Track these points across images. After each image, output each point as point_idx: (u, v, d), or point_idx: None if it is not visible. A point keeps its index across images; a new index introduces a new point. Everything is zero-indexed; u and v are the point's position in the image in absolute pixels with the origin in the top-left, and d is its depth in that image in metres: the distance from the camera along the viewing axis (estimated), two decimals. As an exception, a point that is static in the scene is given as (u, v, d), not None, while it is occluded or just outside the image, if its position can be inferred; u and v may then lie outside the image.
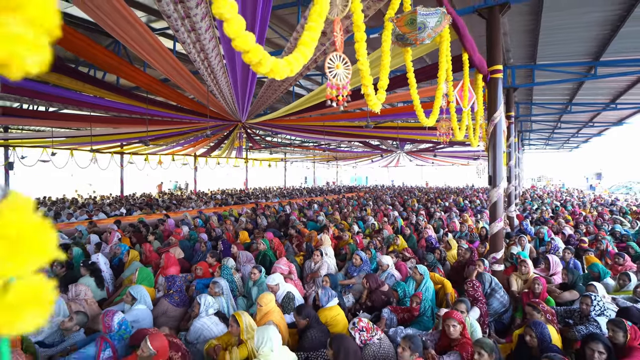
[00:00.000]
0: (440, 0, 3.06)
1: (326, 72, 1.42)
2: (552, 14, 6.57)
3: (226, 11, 0.80)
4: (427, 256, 5.63)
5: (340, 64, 1.44)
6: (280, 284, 4.37)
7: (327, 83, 1.45)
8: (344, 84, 1.44)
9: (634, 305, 3.54)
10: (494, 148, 4.92)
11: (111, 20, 3.80)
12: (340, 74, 1.44)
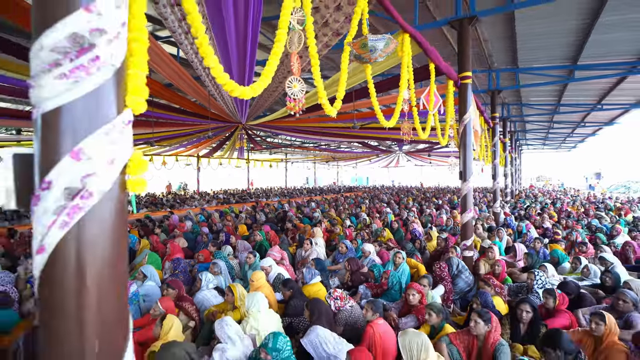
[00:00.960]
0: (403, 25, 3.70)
1: (286, 90, 2.05)
2: (524, 23, 7.16)
3: (211, 62, 1.42)
4: (406, 245, 6.24)
5: (297, 84, 2.07)
6: (273, 266, 5.00)
7: (287, 98, 2.09)
8: (299, 98, 2.07)
9: (572, 281, 4.14)
10: (464, 146, 5.52)
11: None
12: (295, 92, 2.06)
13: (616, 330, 2.89)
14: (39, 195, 0.79)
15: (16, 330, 3.33)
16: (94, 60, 0.81)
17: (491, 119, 10.16)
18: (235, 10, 3.65)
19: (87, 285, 0.83)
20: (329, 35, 3.93)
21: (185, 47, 4.83)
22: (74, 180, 0.80)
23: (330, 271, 5.81)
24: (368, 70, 3.21)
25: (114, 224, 0.87)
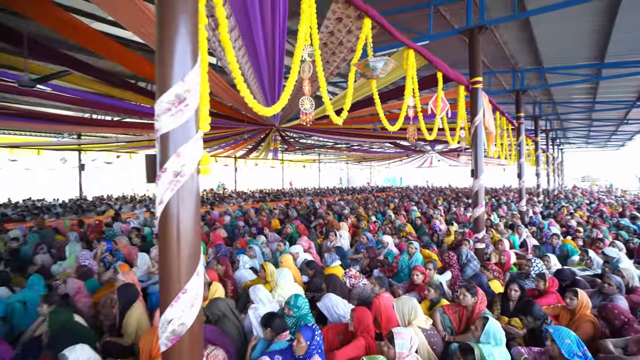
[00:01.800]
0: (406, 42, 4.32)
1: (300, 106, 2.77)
2: (541, 26, 7.43)
3: (242, 88, 2.18)
4: (423, 238, 6.77)
5: (307, 102, 2.78)
6: (300, 253, 5.75)
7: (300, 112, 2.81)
8: (310, 112, 2.78)
9: (568, 268, 4.54)
10: (475, 146, 5.99)
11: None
12: (307, 107, 2.77)
13: (588, 304, 3.35)
14: (160, 175, 1.57)
15: (101, 291, 4.34)
16: (186, 106, 1.58)
17: (516, 118, 10.32)
18: (263, 24, 4.37)
19: (180, 220, 1.60)
20: (344, 52, 4.62)
21: (219, 54, 5.67)
22: (176, 167, 1.57)
23: (352, 260, 6.49)
24: (373, 84, 3.87)
25: (193, 190, 1.64)
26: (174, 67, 1.58)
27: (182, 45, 1.60)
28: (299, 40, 2.76)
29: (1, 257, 5.66)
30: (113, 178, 25.01)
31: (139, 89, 8.68)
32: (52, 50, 5.22)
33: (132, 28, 3.72)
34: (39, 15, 4.21)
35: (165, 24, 1.59)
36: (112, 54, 5.44)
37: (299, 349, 2.67)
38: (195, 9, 1.67)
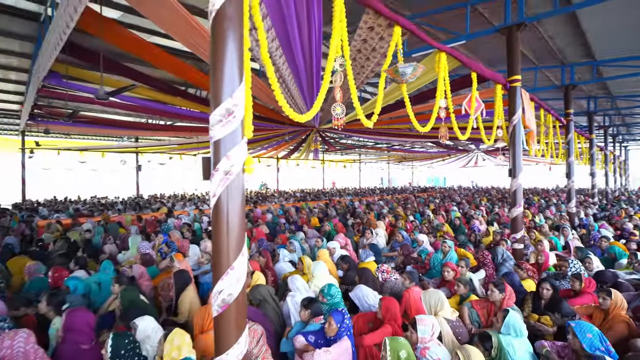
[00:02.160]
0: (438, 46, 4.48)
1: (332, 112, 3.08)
2: (589, 19, 7.13)
3: (280, 97, 2.53)
4: (459, 237, 6.80)
5: (339, 108, 3.08)
6: (337, 248, 6.06)
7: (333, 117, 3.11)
8: (341, 117, 3.08)
9: (610, 270, 4.44)
10: (513, 145, 5.95)
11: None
12: (338, 113, 3.07)
13: (623, 305, 3.33)
14: (214, 173, 1.96)
15: (159, 277, 4.94)
16: (234, 118, 1.95)
17: (565, 115, 9.87)
18: (300, 34, 4.69)
19: (227, 212, 1.98)
20: (377, 57, 4.85)
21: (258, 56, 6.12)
22: (226, 167, 1.95)
23: (387, 257, 6.68)
24: (403, 88, 4.08)
25: (239, 186, 2.01)
26: (224, 86, 1.97)
27: (230, 67, 1.98)
28: (331, 52, 3.07)
29: (77, 245, 6.54)
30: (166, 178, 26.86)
31: (188, 94, 9.49)
32: (122, 66, 5.99)
33: (181, 40, 4.25)
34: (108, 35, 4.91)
35: (217, 50, 1.97)
36: (165, 64, 6.12)
37: (330, 330, 2.98)
38: (241, 35, 2.05)
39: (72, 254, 5.97)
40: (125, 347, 2.58)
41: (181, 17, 3.52)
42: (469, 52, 9.54)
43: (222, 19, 1.97)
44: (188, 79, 7.59)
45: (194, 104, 9.89)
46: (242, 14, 2.04)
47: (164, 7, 3.39)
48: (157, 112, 10.56)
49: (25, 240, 7.12)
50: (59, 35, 4.78)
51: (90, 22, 4.75)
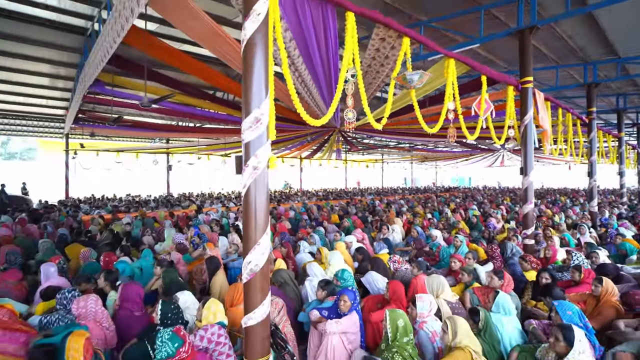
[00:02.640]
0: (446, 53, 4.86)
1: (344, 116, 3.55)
2: (608, 18, 7.22)
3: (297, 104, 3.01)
4: (472, 233, 7.09)
5: (350, 113, 3.55)
6: (354, 242, 6.52)
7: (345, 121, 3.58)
8: (352, 121, 3.54)
9: (612, 264, 4.67)
10: (525, 144, 6.21)
11: (237, 62, 6.09)
12: (350, 117, 3.54)
13: (614, 292, 3.62)
14: (244, 168, 2.49)
15: (193, 263, 5.57)
16: (260, 124, 2.47)
17: (588, 113, 9.87)
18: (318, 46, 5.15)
19: (255, 199, 2.50)
20: (391, 64, 5.27)
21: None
22: (254, 163, 2.47)
23: (402, 251, 7.07)
24: (412, 93, 4.50)
25: (264, 179, 2.53)
26: (253, 99, 2.49)
27: (258, 84, 2.51)
28: (343, 65, 3.55)
29: (120, 236, 7.31)
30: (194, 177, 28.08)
31: (216, 98, 10.18)
32: (161, 75, 6.71)
33: (210, 47, 4.83)
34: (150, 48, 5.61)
35: (248, 70, 2.50)
36: (196, 70, 6.78)
37: (344, 307, 3.45)
38: (267, 58, 2.56)
39: (116, 243, 6.74)
40: (172, 311, 3.16)
41: (209, 27, 4.09)
42: (488, 52, 9.74)
43: (252, 46, 2.49)
44: (216, 84, 8.23)
45: (222, 107, 10.60)
46: (267, 40, 2.56)
47: (195, 18, 3.97)
48: (187, 114, 11.39)
49: (73, 232, 7.99)
50: (106, 50, 5.50)
51: (133, 37, 5.44)
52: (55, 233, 7.72)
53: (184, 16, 4.24)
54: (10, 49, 9.80)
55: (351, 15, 3.57)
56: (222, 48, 4.83)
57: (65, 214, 10.70)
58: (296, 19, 3.84)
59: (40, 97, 13.84)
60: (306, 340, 3.57)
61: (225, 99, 11.19)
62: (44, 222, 8.83)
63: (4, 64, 10.69)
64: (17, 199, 15.77)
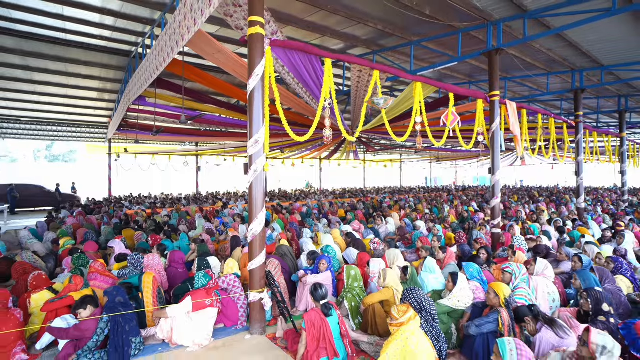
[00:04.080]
0: (414, 78, 6.26)
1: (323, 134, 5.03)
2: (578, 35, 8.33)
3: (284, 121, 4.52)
4: (452, 224, 8.40)
5: (328, 131, 5.03)
6: (349, 230, 7.99)
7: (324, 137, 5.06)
8: (330, 137, 5.02)
9: (545, 245, 5.91)
10: (492, 147, 7.46)
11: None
12: (328, 134, 5.01)
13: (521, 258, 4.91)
14: (249, 171, 4.05)
15: (219, 243, 7.23)
16: (258, 143, 4.02)
17: (575, 117, 10.83)
18: (309, 74, 6.67)
19: (256, 189, 4.06)
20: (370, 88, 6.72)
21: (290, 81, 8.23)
22: (255, 168, 4.02)
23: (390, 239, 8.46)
24: (383, 112, 5.93)
25: (261, 177, 4.09)
26: (254, 127, 4.05)
27: (257, 117, 4.06)
28: (321, 97, 5.05)
29: (160, 225, 9.13)
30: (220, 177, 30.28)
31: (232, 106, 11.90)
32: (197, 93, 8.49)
33: (228, 68, 6.42)
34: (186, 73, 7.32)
35: (251, 107, 4.06)
36: (214, 84, 8.45)
37: (322, 267, 4.95)
38: (264, 100, 4.11)
39: (159, 230, 8.54)
40: (204, 265, 4.79)
41: (229, 57, 5.69)
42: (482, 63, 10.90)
43: (253, 94, 4.06)
44: (226, 92, 9.93)
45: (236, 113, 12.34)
46: (264, 90, 4.12)
47: (219, 51, 5.58)
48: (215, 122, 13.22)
49: (122, 222, 9.91)
50: (150, 74, 7.25)
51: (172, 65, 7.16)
52: (110, 222, 9.67)
53: (211, 51, 5.88)
54: (66, 69, 11.92)
55: (328, 61, 5.06)
56: (236, 69, 6.43)
57: (113, 209, 12.78)
58: (289, 62, 5.40)
59: (88, 107, 16.17)
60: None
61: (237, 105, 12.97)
62: (100, 214, 10.87)
63: (60, 81, 12.90)
64: (68, 196, 18.29)
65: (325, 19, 8.13)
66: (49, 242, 6.90)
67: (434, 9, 7.38)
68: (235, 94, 9.33)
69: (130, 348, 3.54)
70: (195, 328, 3.87)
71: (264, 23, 4.13)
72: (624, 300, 3.92)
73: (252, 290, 4.09)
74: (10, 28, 9.13)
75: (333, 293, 4.92)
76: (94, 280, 4.50)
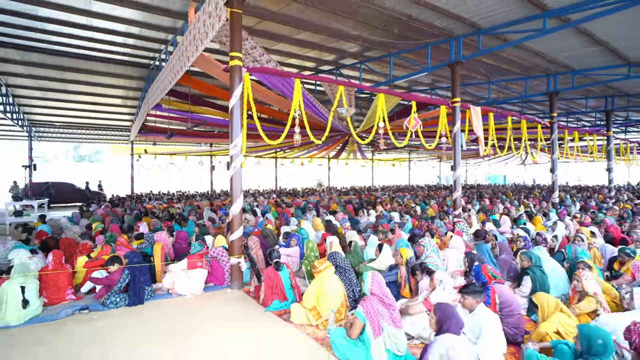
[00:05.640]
0: (376, 90, 7.63)
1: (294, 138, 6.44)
2: (538, 46, 9.43)
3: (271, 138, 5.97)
4: (423, 216, 9.67)
5: (298, 136, 6.44)
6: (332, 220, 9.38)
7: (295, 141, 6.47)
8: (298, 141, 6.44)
9: (484, 229, 7.13)
10: (454, 147, 8.70)
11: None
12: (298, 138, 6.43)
13: (458, 245, 6.19)
14: (231, 167, 5.55)
15: (219, 228, 8.79)
16: (236, 146, 5.50)
17: (550, 117, 11.84)
18: (285, 88, 8.14)
19: (235, 181, 5.55)
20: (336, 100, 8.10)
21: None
22: (235, 165, 5.49)
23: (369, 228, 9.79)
24: (349, 119, 7.30)
25: (240, 172, 5.57)
26: (234, 134, 5.52)
27: (237, 124, 5.53)
28: (291, 109, 6.47)
29: (174, 215, 10.79)
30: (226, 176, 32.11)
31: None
32: (201, 100, 10.14)
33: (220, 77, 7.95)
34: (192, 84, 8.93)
35: (232, 117, 5.53)
36: (214, 92, 10.00)
37: (293, 243, 6.37)
38: (242, 112, 5.57)
39: (171, 219, 10.19)
40: (200, 238, 6.31)
41: (222, 73, 7.20)
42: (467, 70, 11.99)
43: (233, 110, 5.53)
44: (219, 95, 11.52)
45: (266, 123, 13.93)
46: (242, 107, 5.58)
47: (217, 67, 7.09)
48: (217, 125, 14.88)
49: (141, 213, 11.65)
50: (165, 85, 8.85)
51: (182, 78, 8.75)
52: (132, 213, 11.42)
53: (211, 67, 7.43)
54: (94, 80, 13.81)
55: (298, 81, 6.47)
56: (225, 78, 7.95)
57: (134, 203, 14.64)
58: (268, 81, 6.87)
59: (112, 112, 18.18)
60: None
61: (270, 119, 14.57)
62: (123, 208, 12.70)
63: (89, 91, 14.84)
64: (96, 193, 20.44)
65: (313, 37, 9.55)
66: (84, 226, 8.60)
67: (401, 29, 8.67)
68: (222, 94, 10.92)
69: (144, 293, 5.08)
70: (191, 282, 5.37)
71: (242, 57, 5.61)
72: (514, 266, 5.17)
73: (232, 256, 5.58)
74: (50, 48, 11.01)
75: (300, 262, 6.35)
76: (119, 250, 6.08)
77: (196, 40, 6.73)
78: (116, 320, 4.49)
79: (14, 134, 21.81)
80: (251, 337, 4.02)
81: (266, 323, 4.37)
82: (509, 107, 17.69)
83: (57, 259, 5.21)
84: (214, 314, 4.68)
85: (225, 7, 5.49)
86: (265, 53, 7.56)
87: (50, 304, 4.87)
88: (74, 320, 4.47)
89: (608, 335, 2.50)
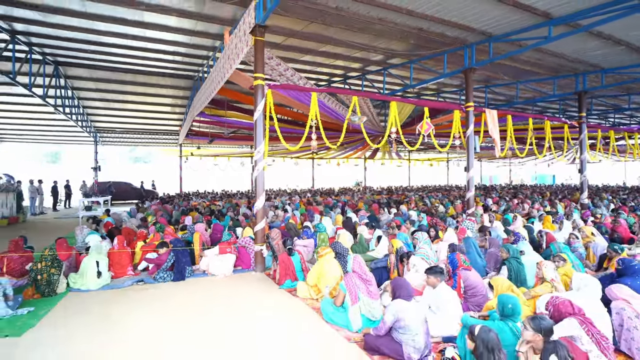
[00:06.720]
0: (388, 99, 8.48)
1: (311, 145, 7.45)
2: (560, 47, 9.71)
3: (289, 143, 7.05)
4: (439, 214, 10.30)
5: (314, 142, 7.46)
6: (353, 217, 10.32)
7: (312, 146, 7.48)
8: (316, 147, 7.44)
9: (485, 226, 7.72)
10: (468, 149, 9.29)
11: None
12: (314, 145, 7.45)
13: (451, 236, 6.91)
14: (255, 169, 6.70)
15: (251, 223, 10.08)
16: (259, 152, 6.64)
17: (578, 118, 11.89)
18: (304, 100, 9.18)
19: (259, 184, 6.70)
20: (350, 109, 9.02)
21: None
22: (259, 167, 6.66)
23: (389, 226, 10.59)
24: (362, 126, 8.20)
25: (262, 174, 6.72)
26: (257, 142, 6.68)
27: (259, 136, 6.68)
28: (308, 118, 7.51)
29: (214, 211, 12.28)
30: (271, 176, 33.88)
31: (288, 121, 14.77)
32: (235, 107, 11.56)
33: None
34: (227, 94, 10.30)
35: (256, 128, 6.69)
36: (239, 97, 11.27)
37: (305, 238, 7.41)
38: (264, 124, 6.71)
39: (212, 214, 11.67)
40: (232, 229, 7.55)
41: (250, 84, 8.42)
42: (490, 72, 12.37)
43: (256, 122, 6.68)
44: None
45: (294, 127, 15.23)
46: (265, 119, 6.72)
47: (248, 80, 8.31)
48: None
49: (187, 209, 13.31)
50: (207, 95, 10.26)
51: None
52: (179, 209, 13.11)
53: (242, 80, 8.70)
54: (147, 91, 15.77)
55: (314, 95, 7.50)
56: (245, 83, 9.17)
57: (182, 200, 16.50)
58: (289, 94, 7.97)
59: (163, 118, 20.34)
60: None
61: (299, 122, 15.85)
62: (172, 205, 14.49)
63: (143, 100, 16.90)
64: (149, 191, 22.85)
65: (335, 49, 10.53)
66: (139, 219, 10.27)
67: (416, 39, 9.40)
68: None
69: (185, 271, 6.38)
70: (222, 265, 6.60)
71: (264, 77, 6.75)
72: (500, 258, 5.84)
73: (256, 244, 6.74)
74: (112, 66, 12.96)
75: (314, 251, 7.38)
76: (167, 237, 7.49)
77: (230, 60, 8.00)
78: (163, 290, 5.80)
79: (83, 139, 24.90)
80: (267, 306, 5.12)
81: (279, 297, 5.46)
82: (545, 105, 17.49)
83: (120, 243, 6.67)
84: (239, 290, 5.85)
85: (251, 35, 6.65)
86: (290, 68, 8.68)
87: (115, 277, 6.31)
88: (133, 289, 5.84)
89: (516, 301, 3.28)
